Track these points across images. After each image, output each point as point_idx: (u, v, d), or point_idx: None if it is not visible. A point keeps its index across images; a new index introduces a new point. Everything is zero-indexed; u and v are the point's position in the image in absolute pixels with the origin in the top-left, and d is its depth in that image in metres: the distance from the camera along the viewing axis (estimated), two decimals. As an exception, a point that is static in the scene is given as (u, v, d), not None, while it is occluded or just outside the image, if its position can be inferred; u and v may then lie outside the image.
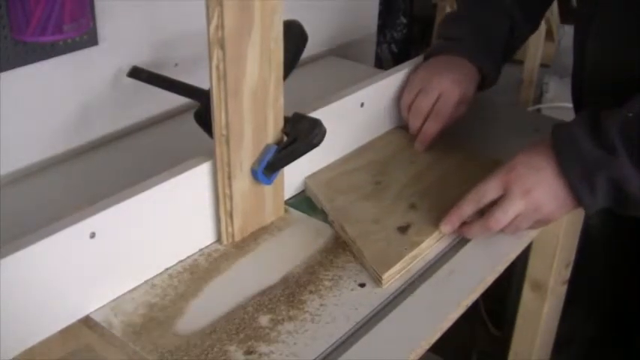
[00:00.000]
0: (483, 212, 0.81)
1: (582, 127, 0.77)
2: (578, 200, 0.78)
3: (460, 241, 0.83)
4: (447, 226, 0.81)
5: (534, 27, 1.12)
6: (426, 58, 1.04)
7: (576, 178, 0.76)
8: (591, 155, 0.75)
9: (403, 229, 0.81)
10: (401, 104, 1.00)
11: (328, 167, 0.93)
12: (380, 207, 0.86)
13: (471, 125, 1.04)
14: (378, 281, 0.75)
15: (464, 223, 0.82)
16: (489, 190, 0.80)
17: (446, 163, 0.96)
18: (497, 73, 1.05)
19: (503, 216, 0.78)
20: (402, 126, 1.04)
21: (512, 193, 0.78)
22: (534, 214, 0.79)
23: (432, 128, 0.97)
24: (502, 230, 0.80)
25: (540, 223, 0.82)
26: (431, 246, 0.81)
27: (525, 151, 0.81)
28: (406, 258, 0.77)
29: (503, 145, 1.01)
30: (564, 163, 0.77)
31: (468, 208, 0.81)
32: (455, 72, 0.98)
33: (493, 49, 1.03)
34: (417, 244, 0.79)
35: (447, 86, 0.97)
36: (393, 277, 0.76)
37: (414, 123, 0.98)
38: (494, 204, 0.80)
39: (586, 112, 0.80)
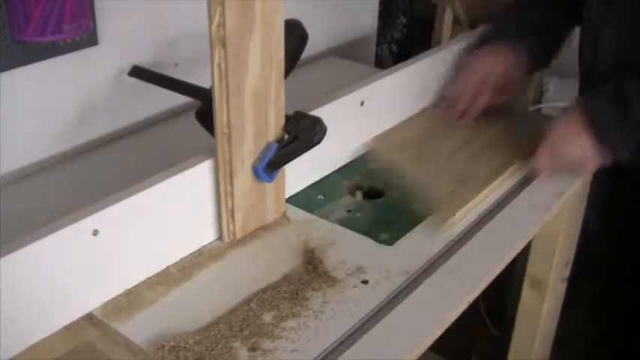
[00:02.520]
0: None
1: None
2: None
3: (460, 240, 0.84)
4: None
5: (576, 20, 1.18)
6: (478, 44, 1.11)
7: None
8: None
9: (463, 182, 0.94)
10: (453, 79, 1.09)
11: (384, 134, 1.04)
12: (436, 167, 0.97)
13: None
14: (448, 225, 0.84)
15: None
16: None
17: (486, 134, 1.07)
18: (547, 55, 1.16)
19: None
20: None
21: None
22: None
23: (481, 102, 1.07)
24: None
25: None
26: (487, 195, 0.92)
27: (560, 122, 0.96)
28: (468, 205, 0.89)
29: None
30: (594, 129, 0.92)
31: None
32: (504, 54, 1.07)
33: (540, 35, 1.11)
34: (472, 197, 0.90)
35: (496, 65, 1.06)
36: (460, 220, 0.86)
37: (464, 97, 1.07)
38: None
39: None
